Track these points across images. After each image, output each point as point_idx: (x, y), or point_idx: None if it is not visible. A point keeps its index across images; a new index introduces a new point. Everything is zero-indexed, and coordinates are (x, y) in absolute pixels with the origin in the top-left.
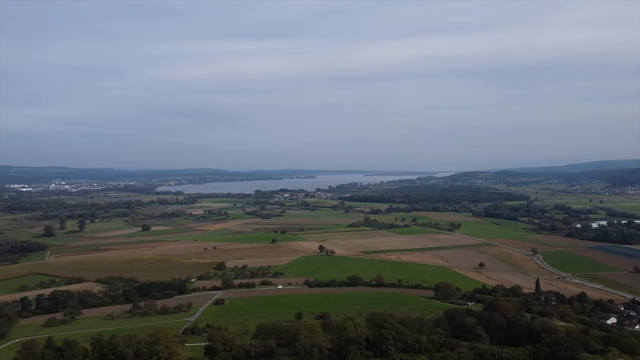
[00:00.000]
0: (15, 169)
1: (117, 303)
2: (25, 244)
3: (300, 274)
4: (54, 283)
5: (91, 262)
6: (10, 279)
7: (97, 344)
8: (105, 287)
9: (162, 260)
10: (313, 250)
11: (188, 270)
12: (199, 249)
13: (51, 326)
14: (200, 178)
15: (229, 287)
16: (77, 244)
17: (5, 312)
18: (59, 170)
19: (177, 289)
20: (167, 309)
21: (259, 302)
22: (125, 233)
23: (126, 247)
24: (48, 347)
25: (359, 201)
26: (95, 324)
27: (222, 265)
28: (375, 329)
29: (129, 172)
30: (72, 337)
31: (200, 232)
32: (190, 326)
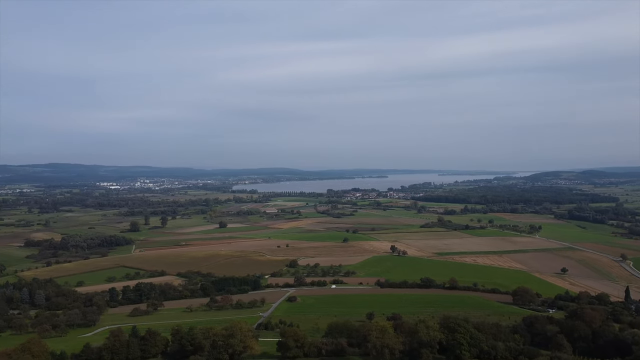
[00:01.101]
0: (104, 169)
1: (196, 296)
2: (113, 238)
3: (372, 274)
4: (138, 275)
5: (172, 257)
6: (100, 270)
7: (177, 335)
8: (184, 281)
9: (238, 257)
10: (385, 250)
11: (262, 267)
12: (273, 247)
13: (135, 316)
14: (274, 177)
15: (301, 285)
16: (159, 239)
17: (95, 301)
18: (144, 170)
19: (252, 284)
20: (241, 304)
21: (330, 301)
22: (204, 229)
23: (204, 243)
24: (133, 335)
25: (432, 201)
26: (175, 315)
27: (295, 263)
28: (449, 333)
29: (207, 171)
30: (154, 327)
31: (274, 230)
32: (264, 321)
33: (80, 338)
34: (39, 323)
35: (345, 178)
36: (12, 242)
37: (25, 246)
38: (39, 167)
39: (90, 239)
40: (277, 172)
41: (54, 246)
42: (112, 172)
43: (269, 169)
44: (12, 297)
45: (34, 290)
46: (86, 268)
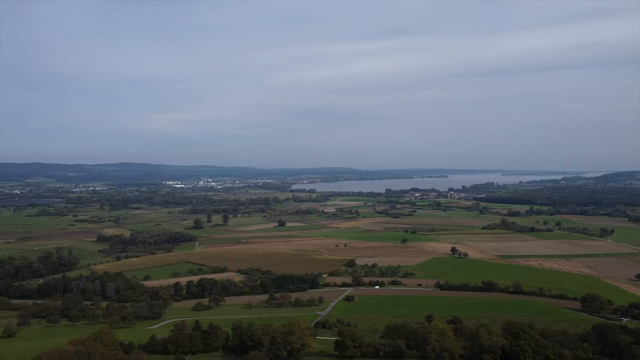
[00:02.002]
0: (170, 168)
1: (255, 293)
2: (178, 234)
3: (431, 275)
4: (201, 271)
5: (233, 254)
6: (165, 265)
7: (237, 330)
8: (245, 278)
9: (296, 255)
10: (445, 251)
11: (320, 266)
12: (331, 246)
13: (198, 310)
14: (332, 177)
15: (359, 285)
16: (221, 237)
17: (161, 295)
18: (207, 169)
19: (310, 283)
20: (300, 302)
21: (388, 302)
22: (263, 228)
23: (264, 241)
24: (195, 329)
25: (495, 202)
26: (235, 311)
27: (353, 263)
28: (512, 339)
29: (266, 170)
30: (215, 321)
31: (332, 229)
32: (322, 320)
33: (147, 330)
34: (109, 314)
35: (404, 178)
36: (86, 237)
37: (98, 241)
38: (110, 166)
39: (156, 235)
40: (336, 172)
41: (123, 241)
42: (177, 171)
43: (327, 169)
44: (85, 289)
45: (105, 283)
46: (153, 263)
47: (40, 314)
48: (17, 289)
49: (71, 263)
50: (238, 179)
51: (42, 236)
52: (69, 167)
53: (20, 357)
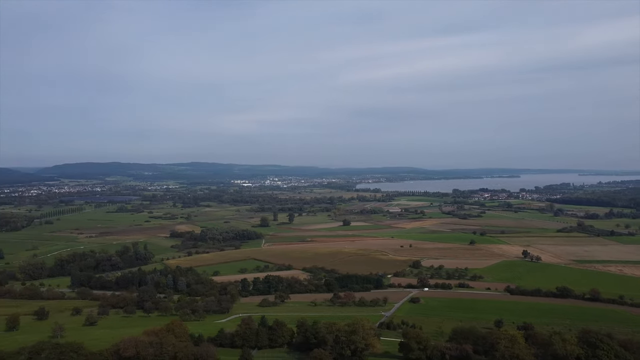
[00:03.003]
0: (238, 167)
1: (320, 291)
2: (245, 232)
3: (501, 279)
4: (267, 268)
5: (298, 252)
6: (233, 262)
7: (302, 327)
8: (309, 276)
9: (361, 255)
10: (515, 255)
11: (384, 266)
12: (396, 246)
13: (264, 306)
14: (397, 176)
15: (425, 286)
16: (286, 235)
17: (229, 290)
18: (273, 168)
19: (374, 283)
20: (364, 302)
21: (455, 305)
22: (328, 227)
23: (328, 240)
24: (262, 324)
25: (570, 204)
26: (300, 308)
27: (418, 264)
28: (589, 349)
29: (331, 170)
30: (280, 318)
31: (397, 230)
32: (386, 321)
33: (216, 323)
34: (180, 307)
35: (472, 178)
36: (160, 232)
37: (170, 237)
38: (182, 165)
39: (225, 232)
40: (401, 171)
41: (194, 238)
42: (245, 170)
43: (393, 168)
44: (159, 282)
45: (177, 277)
46: (221, 259)
47: (118, 304)
48: (98, 280)
49: (146, 257)
50: (303, 178)
51: (120, 231)
52: (144, 166)
53: (101, 344)
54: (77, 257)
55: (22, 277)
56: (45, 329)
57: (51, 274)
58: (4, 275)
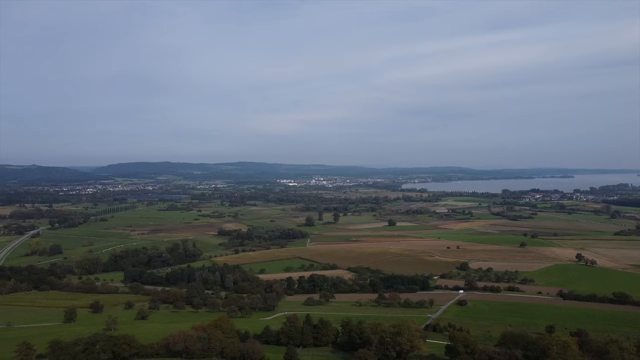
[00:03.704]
0: (284, 167)
1: (365, 291)
2: (290, 231)
3: (553, 283)
4: (312, 267)
5: (343, 252)
6: (279, 260)
7: (347, 327)
8: (354, 276)
9: (406, 255)
10: (569, 258)
11: (430, 267)
12: (442, 247)
13: (309, 305)
14: (444, 176)
15: (472, 289)
16: (331, 234)
17: (275, 288)
18: (318, 168)
19: (420, 284)
20: (409, 303)
21: (504, 308)
22: (373, 227)
23: (373, 240)
24: (307, 323)
25: (629, 205)
26: (344, 308)
27: (465, 266)
28: None
29: (376, 169)
30: (325, 317)
31: (444, 230)
32: (432, 323)
33: (261, 321)
34: (227, 304)
35: (522, 178)
36: (208, 230)
37: (218, 235)
38: (230, 165)
39: (271, 230)
40: (448, 171)
41: (241, 236)
42: (290, 170)
43: (439, 168)
44: (207, 279)
45: (224, 274)
46: (267, 257)
47: (168, 299)
48: (149, 276)
49: (195, 254)
50: (348, 178)
51: (170, 229)
52: (193, 165)
53: (152, 337)
54: (130, 253)
55: (79, 271)
56: (100, 321)
57: (105, 269)
58: (63, 270)
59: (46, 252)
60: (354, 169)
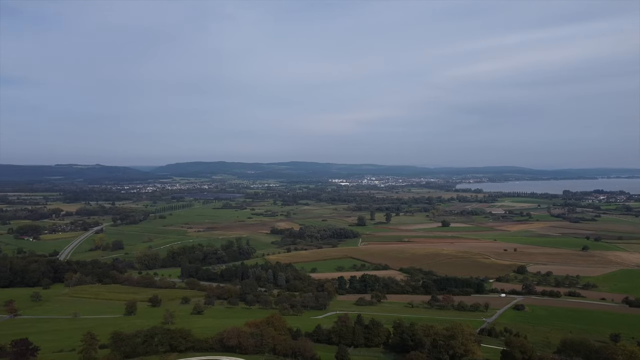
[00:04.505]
0: (335, 166)
1: (417, 293)
2: (342, 230)
3: (618, 289)
4: (363, 267)
5: (394, 252)
6: (330, 259)
7: (399, 328)
8: (406, 277)
9: (460, 257)
10: (636, 263)
11: (486, 270)
12: (498, 250)
13: (360, 305)
14: (501, 176)
15: (530, 293)
16: (383, 234)
17: (326, 288)
18: (370, 167)
19: (475, 287)
20: (463, 306)
21: (564, 315)
22: (426, 227)
23: (426, 241)
24: (358, 323)
25: None
26: (396, 309)
27: (523, 269)
28: None
29: (429, 169)
30: (376, 317)
31: (500, 232)
32: (487, 327)
33: (313, 319)
34: (280, 301)
35: (585, 178)
36: (261, 229)
37: (271, 233)
38: (282, 165)
39: (323, 230)
40: (505, 171)
41: (293, 235)
42: (342, 169)
43: (496, 168)
44: (260, 277)
45: (277, 272)
46: (319, 256)
47: (223, 295)
48: (205, 272)
49: (248, 252)
50: (401, 178)
51: (225, 227)
52: (247, 165)
53: (207, 332)
54: (187, 250)
55: (139, 266)
56: (158, 315)
57: (164, 264)
58: (124, 265)
59: (109, 248)
60: (406, 168)
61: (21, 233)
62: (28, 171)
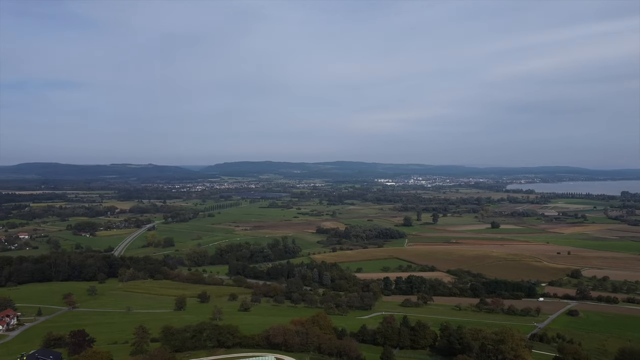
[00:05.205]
0: (381, 166)
1: (465, 296)
2: (388, 231)
3: None
4: (410, 268)
5: (442, 253)
6: (376, 260)
7: (446, 331)
8: (454, 279)
9: (511, 260)
10: None
11: (537, 274)
12: (551, 253)
13: (406, 306)
14: (554, 176)
15: (585, 299)
16: (430, 235)
17: (372, 288)
18: (416, 167)
19: (525, 291)
20: (513, 310)
21: (622, 322)
22: (474, 229)
23: (475, 242)
24: (404, 324)
25: None
26: (443, 311)
27: (577, 273)
28: None
29: (479, 169)
30: (423, 319)
31: (553, 235)
32: (539, 333)
33: (358, 319)
34: (325, 300)
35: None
36: (307, 228)
37: (316, 233)
38: (328, 164)
39: (368, 230)
40: (558, 171)
41: (338, 234)
42: (388, 169)
43: (549, 168)
44: (305, 275)
45: (322, 271)
46: (364, 256)
47: (269, 293)
48: (251, 270)
49: (294, 251)
50: (448, 178)
51: (271, 225)
52: (293, 165)
53: (253, 329)
54: (234, 248)
55: (188, 263)
56: (207, 310)
57: (212, 261)
58: (174, 261)
59: (160, 244)
60: (454, 168)
61: (79, 229)
62: (86, 170)
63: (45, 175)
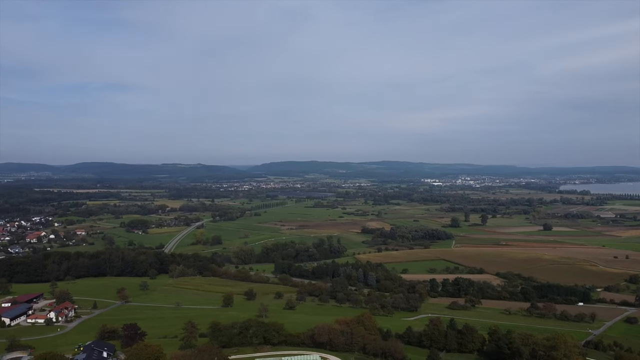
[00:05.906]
0: (428, 166)
1: (515, 299)
2: (434, 232)
3: None
4: (457, 270)
5: (491, 256)
6: (422, 261)
7: (495, 335)
8: (503, 282)
9: (564, 263)
10: None
11: (592, 278)
12: (607, 257)
13: (453, 309)
14: (611, 177)
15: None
16: (478, 237)
17: (418, 289)
18: (464, 167)
19: (580, 296)
20: (567, 316)
21: None
22: (525, 230)
23: (525, 245)
24: (450, 327)
25: None
26: (491, 315)
27: (636, 278)
28: None
29: (530, 169)
30: (470, 323)
31: (609, 238)
32: (594, 340)
33: (403, 320)
34: (370, 301)
35: None
36: (352, 228)
37: (362, 232)
38: (373, 164)
39: (414, 230)
40: (616, 171)
41: (384, 235)
42: (435, 169)
43: (605, 168)
44: (350, 275)
45: (367, 271)
46: (410, 257)
47: (314, 292)
48: (297, 269)
49: (339, 251)
50: (498, 178)
51: (316, 225)
52: (338, 164)
53: (298, 327)
54: (280, 247)
55: (235, 261)
56: (253, 308)
57: (258, 260)
58: (222, 259)
59: (208, 242)
60: (504, 168)
61: (132, 227)
62: (138, 170)
63: (101, 174)
